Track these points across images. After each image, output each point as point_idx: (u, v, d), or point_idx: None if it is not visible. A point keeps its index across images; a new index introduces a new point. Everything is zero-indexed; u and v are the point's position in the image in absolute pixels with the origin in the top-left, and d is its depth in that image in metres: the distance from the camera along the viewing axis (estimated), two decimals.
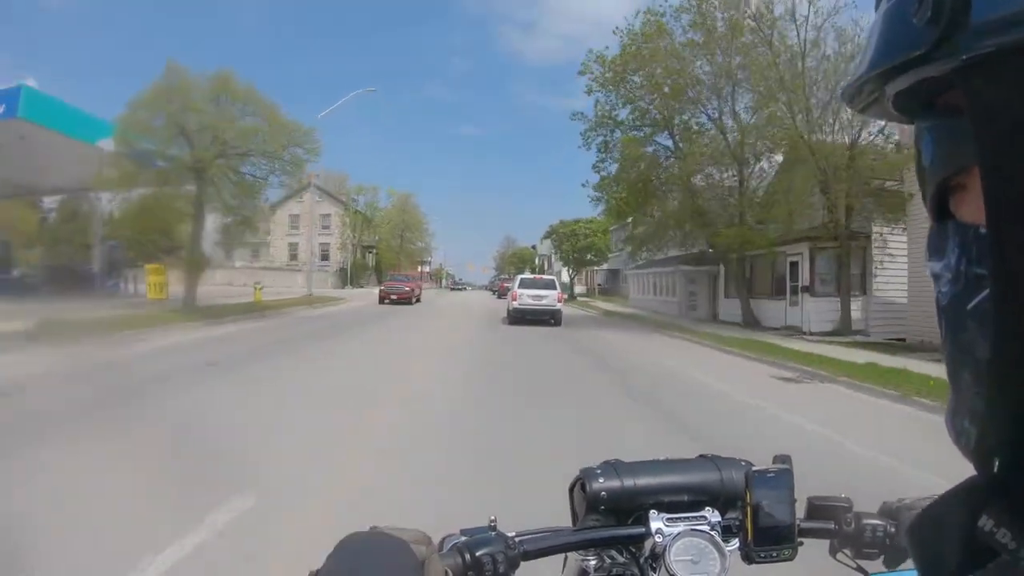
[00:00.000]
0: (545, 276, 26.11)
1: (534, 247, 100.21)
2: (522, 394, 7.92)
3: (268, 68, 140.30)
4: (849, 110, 0.25)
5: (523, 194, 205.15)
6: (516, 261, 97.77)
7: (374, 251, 63.43)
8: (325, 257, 58.55)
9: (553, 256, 74.16)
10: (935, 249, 0.39)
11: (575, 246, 40.55)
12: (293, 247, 60.03)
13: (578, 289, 69.99)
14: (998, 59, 0.30)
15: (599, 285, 52.31)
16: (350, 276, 53.64)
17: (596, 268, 47.68)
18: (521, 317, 20.67)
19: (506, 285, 34.75)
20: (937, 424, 0.83)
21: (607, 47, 21.87)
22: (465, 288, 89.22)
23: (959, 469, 0.38)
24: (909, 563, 0.75)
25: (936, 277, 0.39)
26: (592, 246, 40.14)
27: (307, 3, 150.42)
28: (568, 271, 45.16)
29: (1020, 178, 0.31)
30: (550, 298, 21.04)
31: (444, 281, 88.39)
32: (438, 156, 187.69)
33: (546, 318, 20.83)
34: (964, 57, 0.31)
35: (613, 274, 51.93)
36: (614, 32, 21.22)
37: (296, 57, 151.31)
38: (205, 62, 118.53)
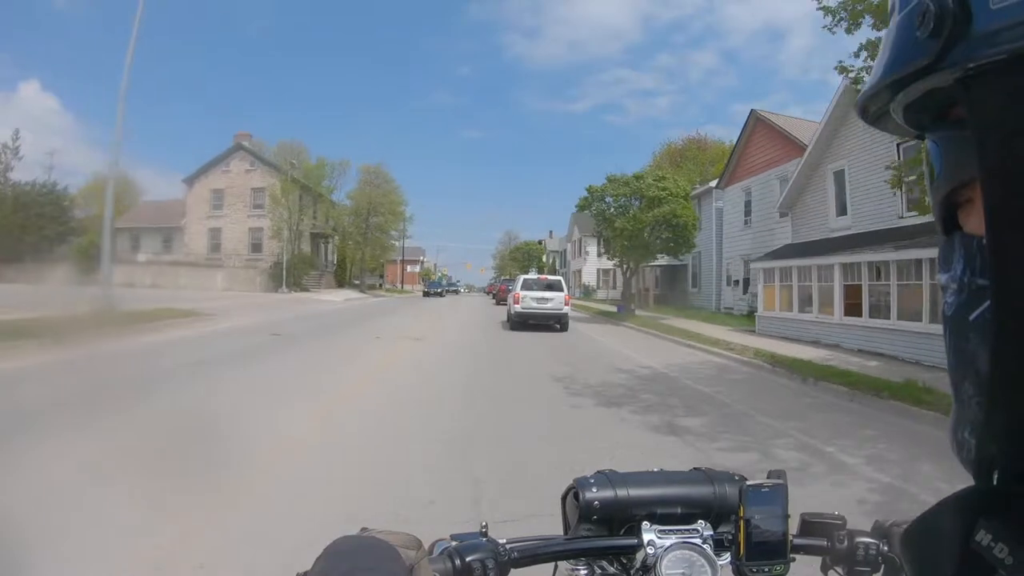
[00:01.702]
0: (550, 276, 22.23)
1: (541, 242, 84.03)
2: None
3: (266, 77, 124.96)
4: None
5: (524, 195, 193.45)
6: (520, 258, 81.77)
7: (331, 241, 46.77)
8: (257, 247, 42.03)
9: (572, 247, 57.27)
10: (944, 261, 0.39)
11: (641, 221, 21.81)
12: (215, 234, 43.49)
13: (603, 294, 53.32)
14: (999, 69, 0.31)
15: (647, 289, 35.81)
16: (286, 274, 37.10)
17: (651, 264, 30.53)
18: (523, 322, 17.91)
19: (507, 287, 29.96)
20: None
21: None
22: (458, 290, 70.67)
23: None
24: None
25: (943, 289, 0.39)
26: (673, 218, 22.04)
27: (307, 4, 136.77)
28: (624, 267, 25.65)
29: (1018, 186, 0.31)
30: (556, 301, 18.19)
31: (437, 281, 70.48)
32: (439, 158, 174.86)
33: (551, 323, 18.00)
34: (971, 66, 0.32)
35: (670, 273, 35.42)
36: None
37: (296, 62, 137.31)
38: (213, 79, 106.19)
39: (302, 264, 39.06)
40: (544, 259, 76.92)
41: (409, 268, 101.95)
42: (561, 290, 18.67)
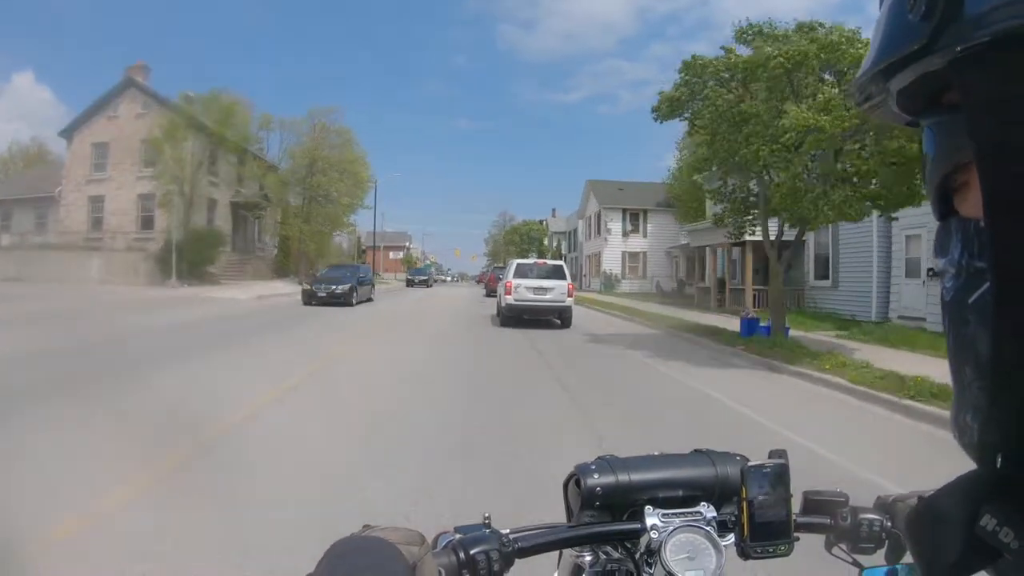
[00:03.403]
0: (550, 261, 17.79)
1: (543, 222, 71.90)
2: None
3: (262, 66, 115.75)
4: None
5: (520, 189, 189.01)
6: (518, 241, 69.77)
7: (262, 213, 34.28)
8: (148, 222, 29.65)
9: (587, 225, 44.63)
10: (940, 246, 0.40)
11: (843, 120, 8.00)
12: (97, 204, 31.07)
13: (631, 286, 41.12)
14: (992, 50, 0.31)
15: (729, 283, 24.00)
16: (176, 259, 24.81)
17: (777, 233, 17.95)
18: (518, 316, 15.06)
19: (497, 276, 26.03)
20: None
21: None
22: (429, 281, 54.70)
23: None
24: (908, 558, 0.71)
25: (941, 273, 0.40)
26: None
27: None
28: (770, 235, 11.17)
29: (1014, 167, 0.31)
30: (557, 291, 15.24)
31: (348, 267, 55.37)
32: (432, 146, 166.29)
33: (550, 317, 15.50)
34: (959, 49, 0.32)
35: (760, 252, 23.34)
36: None
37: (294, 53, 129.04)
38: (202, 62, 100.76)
39: (205, 244, 26.77)
40: (546, 242, 64.84)
41: (392, 255, 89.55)
42: (563, 278, 15.71)
